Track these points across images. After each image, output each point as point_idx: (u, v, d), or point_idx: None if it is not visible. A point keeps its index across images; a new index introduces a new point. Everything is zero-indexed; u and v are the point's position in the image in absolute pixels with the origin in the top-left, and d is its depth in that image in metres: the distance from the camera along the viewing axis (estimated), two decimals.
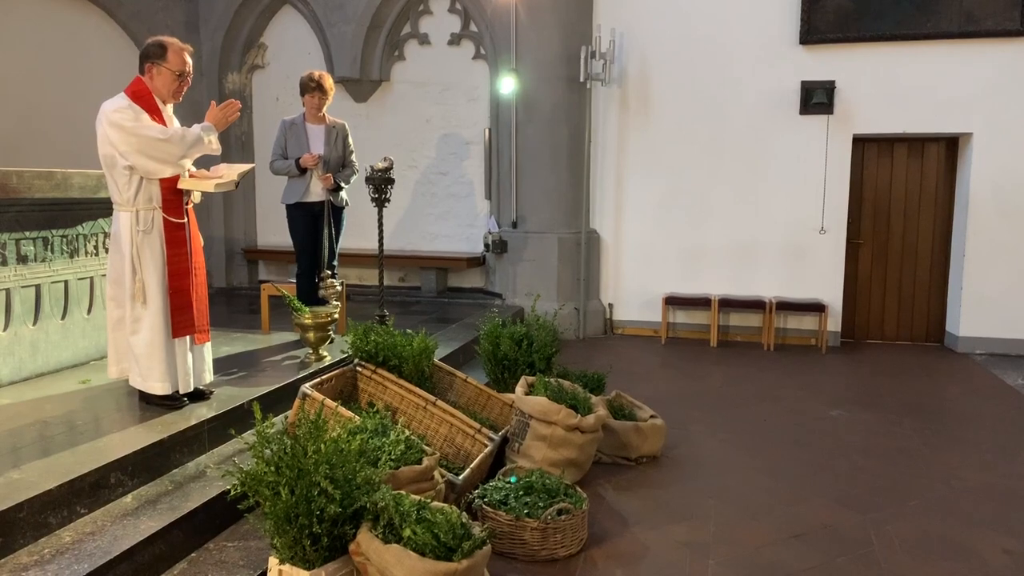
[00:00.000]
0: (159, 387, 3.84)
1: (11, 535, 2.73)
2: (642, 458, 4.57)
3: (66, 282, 4.54)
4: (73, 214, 4.51)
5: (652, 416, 4.71)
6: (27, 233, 4.28)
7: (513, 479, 3.67)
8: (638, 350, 7.56)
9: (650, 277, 8.07)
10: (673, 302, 7.93)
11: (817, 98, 7.48)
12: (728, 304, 7.78)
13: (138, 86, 3.81)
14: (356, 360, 4.36)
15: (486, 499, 3.53)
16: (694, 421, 5.34)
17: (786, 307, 7.67)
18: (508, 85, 7.90)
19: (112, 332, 3.90)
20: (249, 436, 2.84)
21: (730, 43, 7.69)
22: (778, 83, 7.61)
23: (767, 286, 7.82)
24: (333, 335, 5.15)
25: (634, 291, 8.15)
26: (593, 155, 8.02)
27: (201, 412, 3.82)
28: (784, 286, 7.79)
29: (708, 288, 7.92)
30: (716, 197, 7.86)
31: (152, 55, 3.81)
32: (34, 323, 4.37)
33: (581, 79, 7.65)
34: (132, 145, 3.68)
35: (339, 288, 5.36)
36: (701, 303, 7.84)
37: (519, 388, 4.32)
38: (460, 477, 3.68)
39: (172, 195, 3.82)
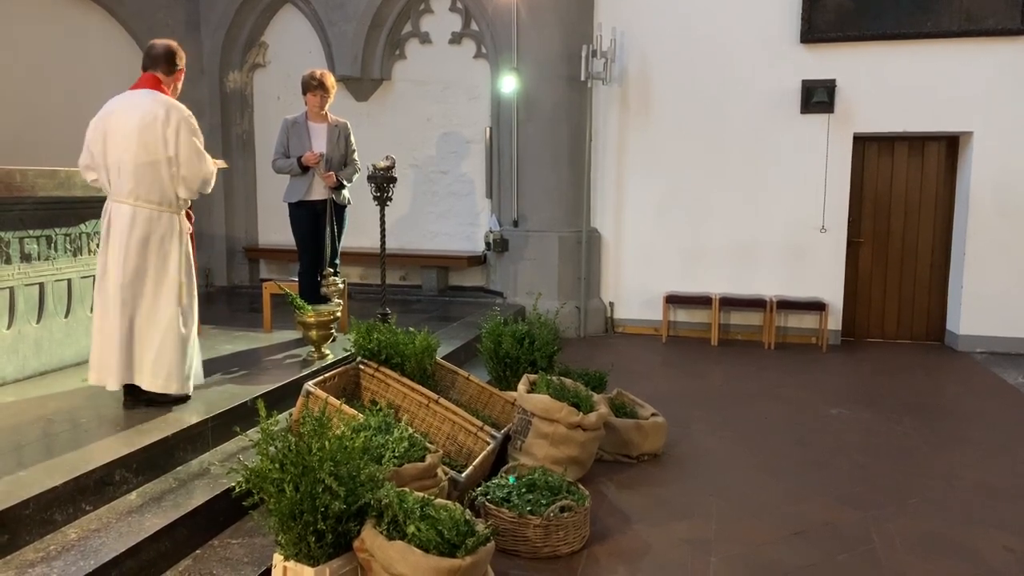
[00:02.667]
0: (190, 386, 3.94)
1: (17, 532, 2.74)
2: (643, 456, 4.58)
3: (69, 280, 4.55)
4: (76, 212, 4.52)
5: (653, 414, 4.73)
6: (31, 231, 4.29)
7: (512, 479, 3.68)
8: (639, 348, 7.58)
9: (651, 276, 8.08)
10: (674, 301, 7.95)
11: (818, 97, 7.49)
12: (729, 303, 7.79)
13: (170, 91, 3.92)
14: (359, 358, 4.38)
15: (489, 496, 3.54)
16: (695, 419, 5.36)
17: (787, 306, 7.68)
18: (509, 84, 7.91)
19: (123, 337, 3.74)
20: (254, 434, 2.85)
21: (731, 42, 7.70)
22: (779, 82, 7.62)
23: (768, 285, 7.83)
24: (335, 333, 5.16)
25: (635, 290, 8.17)
26: (594, 154, 8.03)
27: (205, 409, 3.83)
28: (785, 285, 7.80)
29: (709, 287, 7.94)
30: (717, 196, 7.87)
31: (180, 61, 3.95)
32: (38, 321, 4.38)
33: (582, 78, 7.66)
34: (195, 150, 3.80)
35: (342, 286, 5.37)
36: (702, 302, 7.85)
37: (521, 386, 4.33)
38: (463, 475, 3.69)
39: None
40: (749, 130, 7.74)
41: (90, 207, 4.60)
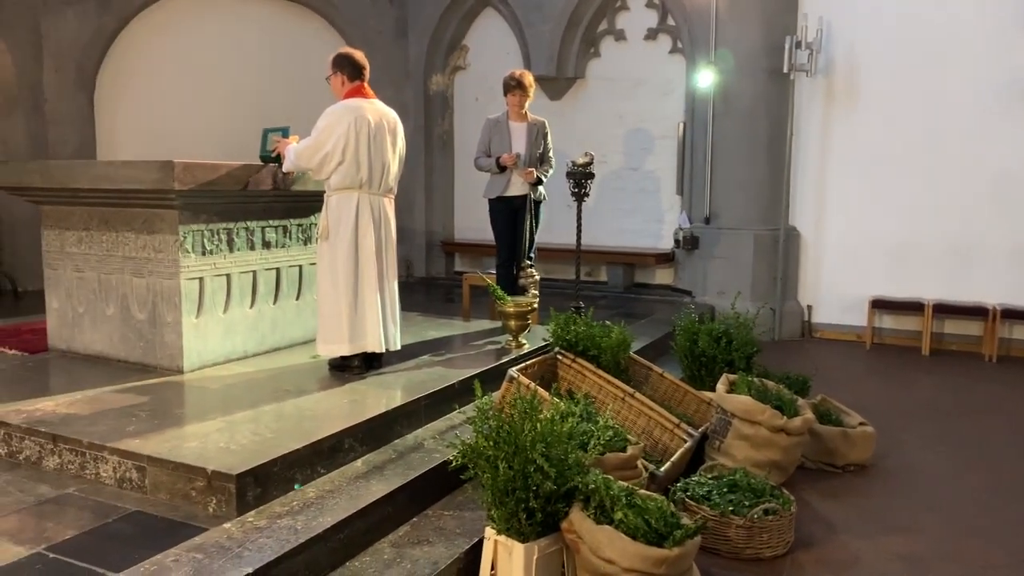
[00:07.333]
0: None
1: (266, 487, 3.09)
2: (849, 466, 4.36)
3: (300, 267, 5.04)
4: (308, 205, 4.99)
5: (861, 423, 4.48)
6: (271, 221, 4.80)
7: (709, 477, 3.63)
8: (839, 355, 7.17)
9: (854, 278, 7.60)
10: (880, 306, 7.43)
11: None
12: (943, 310, 7.18)
13: None
14: (557, 348, 4.50)
15: (689, 493, 3.53)
16: (905, 431, 5.01)
17: (1013, 315, 6.96)
18: (706, 78, 7.75)
19: (381, 309, 4.34)
20: (470, 410, 3.02)
21: (955, 26, 7.07)
22: (1009, 69, 6.90)
23: (990, 291, 7.12)
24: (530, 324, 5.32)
25: (836, 292, 7.73)
26: (794, 148, 7.69)
27: (419, 389, 4.11)
28: (1011, 292, 7.05)
29: (918, 291, 7.35)
30: (932, 193, 7.26)
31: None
32: (274, 302, 4.89)
33: (784, 70, 7.35)
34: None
35: (538, 278, 5.54)
36: (912, 308, 7.29)
37: (720, 386, 4.26)
38: (661, 469, 3.70)
39: None
40: (974, 121, 7.07)
41: (319, 201, 5.04)
